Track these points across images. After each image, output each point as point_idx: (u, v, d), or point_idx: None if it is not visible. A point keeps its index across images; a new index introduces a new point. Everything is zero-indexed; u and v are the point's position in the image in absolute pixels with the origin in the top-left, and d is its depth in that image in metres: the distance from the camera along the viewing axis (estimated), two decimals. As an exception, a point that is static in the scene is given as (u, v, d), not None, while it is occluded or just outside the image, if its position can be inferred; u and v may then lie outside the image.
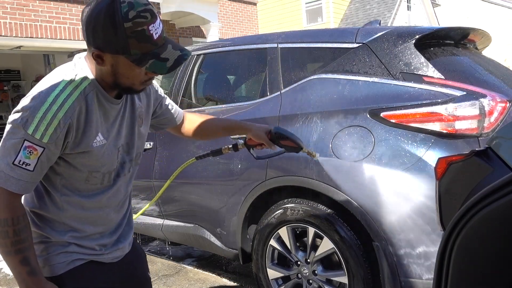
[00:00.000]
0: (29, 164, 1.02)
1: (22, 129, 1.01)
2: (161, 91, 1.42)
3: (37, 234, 1.17)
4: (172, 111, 1.46)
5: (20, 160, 1.01)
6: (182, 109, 1.58)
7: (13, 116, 1.03)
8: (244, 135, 1.57)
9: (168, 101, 1.44)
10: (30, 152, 1.01)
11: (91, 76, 1.10)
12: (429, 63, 1.99)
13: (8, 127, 1.03)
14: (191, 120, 1.54)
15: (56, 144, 1.04)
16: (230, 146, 1.67)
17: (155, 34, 1.03)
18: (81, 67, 1.11)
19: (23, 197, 1.12)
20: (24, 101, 1.04)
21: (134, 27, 0.99)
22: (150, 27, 1.01)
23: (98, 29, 1.01)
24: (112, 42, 1.01)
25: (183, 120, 1.52)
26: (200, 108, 2.75)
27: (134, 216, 1.51)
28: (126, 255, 1.36)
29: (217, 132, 1.58)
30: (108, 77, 1.10)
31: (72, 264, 1.19)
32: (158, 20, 1.04)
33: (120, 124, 1.20)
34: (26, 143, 1.01)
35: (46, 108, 1.02)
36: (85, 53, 1.15)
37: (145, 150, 2.94)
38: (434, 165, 1.21)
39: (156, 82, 1.39)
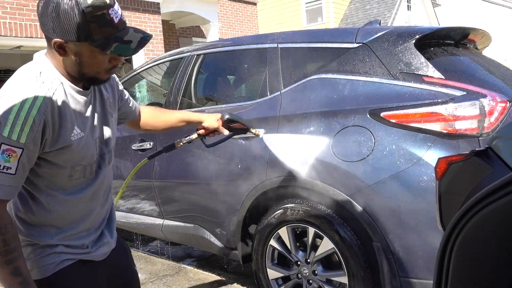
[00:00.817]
0: (10, 168, 0.99)
1: None
2: (120, 84, 1.42)
3: (24, 239, 1.15)
4: (130, 104, 1.46)
5: (1, 165, 0.98)
6: (182, 109, 1.59)
7: None
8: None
9: (127, 94, 1.45)
10: (9, 155, 0.99)
11: (55, 70, 1.09)
12: (429, 63, 1.99)
13: None
14: (148, 114, 1.56)
15: (34, 143, 1.02)
16: (184, 139, 1.75)
17: (115, 18, 1.03)
18: (44, 64, 1.09)
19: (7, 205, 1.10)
20: None
21: (94, 12, 0.99)
22: (110, 11, 1.02)
23: (58, 18, 1.00)
24: (73, 30, 1.00)
25: (139, 113, 1.53)
26: (200, 108, 2.75)
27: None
28: (112, 251, 1.35)
29: (173, 124, 1.62)
30: (72, 68, 1.08)
31: (61, 265, 1.17)
32: (117, 4, 1.05)
33: (92, 116, 1.18)
34: (4, 147, 0.98)
35: (17, 108, 0.99)
36: (44, 50, 1.13)
37: (145, 150, 2.94)
38: (434, 165, 1.21)
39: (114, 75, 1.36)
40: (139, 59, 7.92)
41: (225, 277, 2.93)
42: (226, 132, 1.70)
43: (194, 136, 1.73)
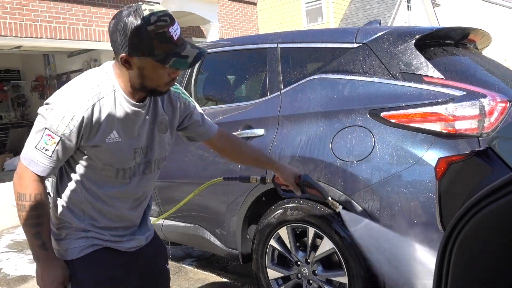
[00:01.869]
0: (48, 150, 1.17)
1: (44, 120, 1.17)
2: (193, 106, 1.49)
3: (60, 220, 1.32)
4: (202, 125, 1.51)
5: (41, 146, 1.17)
6: None
7: (41, 108, 1.19)
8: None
9: (200, 116, 1.50)
10: (49, 140, 1.17)
11: (115, 79, 1.23)
12: (429, 63, 1.99)
13: (37, 117, 1.20)
14: (226, 140, 1.60)
15: (70, 136, 1.17)
16: (259, 178, 1.72)
17: (175, 35, 1.15)
18: (107, 71, 1.24)
19: (53, 185, 1.24)
20: (53, 96, 1.20)
21: (156, 30, 1.12)
22: (170, 29, 1.14)
23: (125, 36, 1.13)
24: (138, 46, 1.13)
25: (217, 136, 1.56)
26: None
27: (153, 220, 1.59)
28: (145, 248, 1.45)
29: (247, 160, 1.68)
30: (135, 81, 1.21)
31: (90, 249, 1.31)
32: (176, 23, 1.17)
33: (141, 127, 1.29)
34: (46, 131, 1.17)
35: (66, 104, 1.16)
36: (113, 61, 1.27)
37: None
38: (434, 165, 1.21)
39: (191, 99, 1.50)
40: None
41: (225, 277, 2.94)
42: (298, 193, 1.63)
43: (269, 179, 1.68)
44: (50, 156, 1.18)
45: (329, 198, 1.69)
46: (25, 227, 1.22)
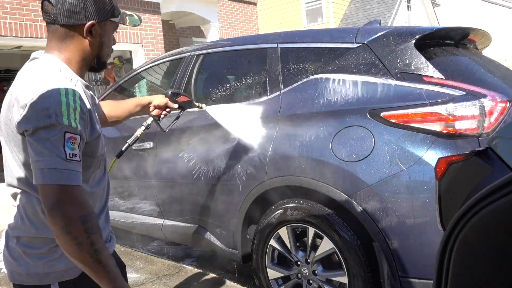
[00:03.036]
0: (76, 155, 1.02)
1: (57, 124, 0.99)
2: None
3: (43, 237, 1.13)
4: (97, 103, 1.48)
5: (70, 153, 1.01)
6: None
7: (38, 121, 0.99)
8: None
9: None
10: (73, 143, 1.02)
11: (67, 67, 1.15)
12: (429, 63, 1.99)
13: (39, 131, 0.99)
14: (109, 107, 1.62)
15: (84, 130, 1.06)
16: (143, 127, 1.91)
17: None
18: (55, 61, 1.14)
19: (21, 196, 1.11)
20: (36, 104, 1.01)
21: None
22: None
23: (93, 2, 1.14)
24: (103, 9, 1.16)
25: (102, 108, 1.56)
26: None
27: None
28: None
29: (131, 110, 1.72)
30: (92, 52, 1.19)
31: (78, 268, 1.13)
32: None
33: (93, 110, 1.22)
34: (68, 135, 1.01)
35: (65, 98, 1.03)
36: (41, 51, 1.17)
37: (145, 150, 2.94)
38: (434, 165, 1.21)
39: None
40: (139, 59, 7.92)
41: (225, 277, 2.93)
42: (175, 106, 1.88)
43: (150, 120, 1.88)
44: (80, 161, 1.03)
45: (194, 102, 2.02)
46: (102, 251, 1.02)
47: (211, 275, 2.96)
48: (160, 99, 1.81)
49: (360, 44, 2.15)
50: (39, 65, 1.12)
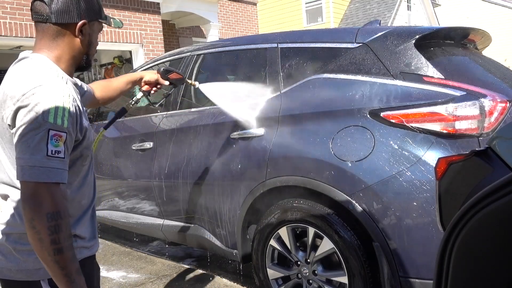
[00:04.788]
0: (60, 152, 1.05)
1: (42, 122, 1.03)
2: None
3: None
4: (86, 88, 1.52)
5: (52, 150, 1.03)
6: (182, 109, 1.63)
7: (25, 117, 1.04)
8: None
9: (79, 82, 1.51)
10: (57, 140, 1.04)
11: (57, 67, 1.18)
12: (429, 63, 1.99)
13: (24, 127, 1.03)
14: (100, 88, 1.68)
15: (72, 128, 1.09)
16: (132, 101, 1.97)
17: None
18: (45, 61, 1.17)
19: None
20: (25, 100, 1.05)
21: None
22: None
23: (84, 3, 1.21)
24: (93, 10, 1.23)
25: (93, 92, 1.60)
26: (200, 108, 2.75)
27: None
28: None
29: (123, 88, 1.77)
30: (81, 51, 1.24)
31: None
32: None
33: (82, 106, 1.26)
34: (52, 132, 1.04)
35: (54, 97, 1.06)
36: (29, 51, 1.21)
37: (145, 150, 2.94)
38: (434, 165, 1.21)
39: None
40: (139, 59, 7.92)
41: (225, 277, 2.93)
42: (166, 83, 1.91)
43: (140, 94, 1.92)
44: (64, 158, 1.06)
45: (186, 79, 2.07)
46: (62, 252, 1.01)
47: (211, 275, 2.96)
48: (150, 75, 1.85)
49: (360, 44, 2.15)
50: (30, 63, 1.15)
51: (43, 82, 1.07)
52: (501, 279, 0.65)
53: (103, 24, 1.31)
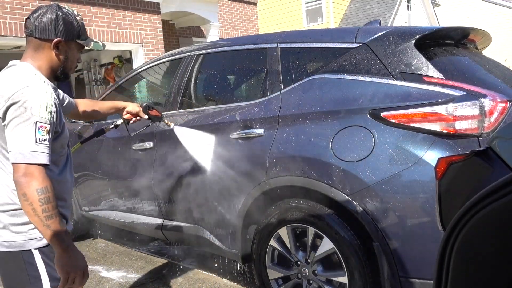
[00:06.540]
0: (45, 140, 1.32)
1: (31, 116, 1.30)
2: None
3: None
4: (67, 101, 1.76)
5: (39, 138, 1.31)
6: (182, 109, 1.67)
7: (16, 111, 1.30)
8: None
9: (62, 93, 1.75)
10: (43, 130, 1.32)
11: (39, 72, 1.43)
12: (429, 63, 1.99)
13: (15, 120, 1.30)
14: (84, 105, 1.93)
15: (54, 121, 1.37)
16: (111, 125, 2.17)
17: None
18: (30, 68, 1.42)
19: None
20: (16, 97, 1.31)
21: (81, 20, 1.53)
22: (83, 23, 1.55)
23: (61, 23, 1.45)
24: (71, 31, 1.49)
25: (76, 105, 1.86)
26: (200, 108, 2.75)
27: None
28: None
29: (105, 111, 2.03)
30: (58, 64, 1.49)
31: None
32: None
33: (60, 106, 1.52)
34: (38, 124, 1.31)
35: (41, 96, 1.34)
36: (16, 60, 1.46)
37: (145, 150, 2.94)
38: (434, 165, 1.21)
39: None
40: (139, 59, 7.91)
41: (225, 277, 2.93)
42: (145, 117, 2.13)
43: (120, 121, 2.13)
44: (48, 145, 1.33)
45: (164, 119, 2.24)
46: (52, 218, 1.29)
47: (211, 275, 2.96)
48: (133, 107, 2.10)
49: (360, 44, 2.15)
50: (18, 70, 1.41)
51: (29, 84, 1.34)
52: (501, 279, 0.65)
53: (89, 44, 1.57)
